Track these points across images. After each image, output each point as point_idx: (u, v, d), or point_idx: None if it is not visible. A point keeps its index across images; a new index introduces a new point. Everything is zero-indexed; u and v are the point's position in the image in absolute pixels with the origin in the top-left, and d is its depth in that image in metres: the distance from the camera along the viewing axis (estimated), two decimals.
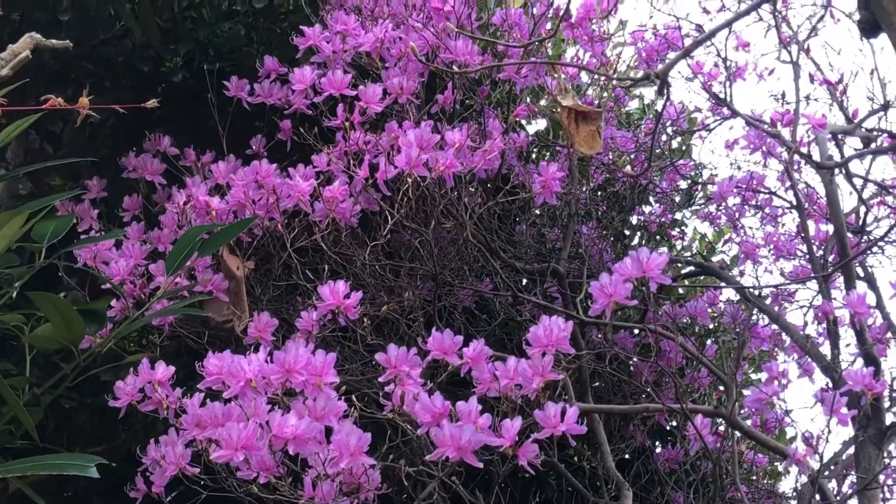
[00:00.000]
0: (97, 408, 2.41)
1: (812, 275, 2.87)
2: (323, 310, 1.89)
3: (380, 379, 1.69)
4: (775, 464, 3.43)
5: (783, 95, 3.01)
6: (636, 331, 2.94)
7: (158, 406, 1.69)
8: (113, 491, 2.34)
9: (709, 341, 3.23)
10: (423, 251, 2.28)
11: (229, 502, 1.73)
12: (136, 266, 2.09)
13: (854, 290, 2.43)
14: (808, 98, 2.97)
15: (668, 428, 3.13)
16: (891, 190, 2.88)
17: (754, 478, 3.18)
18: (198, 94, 2.39)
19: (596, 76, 2.90)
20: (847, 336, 2.73)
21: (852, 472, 2.58)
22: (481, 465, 1.51)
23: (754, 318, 2.96)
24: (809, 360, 2.68)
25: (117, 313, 2.04)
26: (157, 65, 2.38)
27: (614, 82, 2.86)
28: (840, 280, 2.77)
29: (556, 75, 2.41)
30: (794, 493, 2.98)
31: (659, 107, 2.96)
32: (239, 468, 1.50)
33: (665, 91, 2.42)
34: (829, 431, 2.12)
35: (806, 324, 2.85)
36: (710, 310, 3.08)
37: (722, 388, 2.94)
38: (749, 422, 2.87)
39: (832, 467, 2.72)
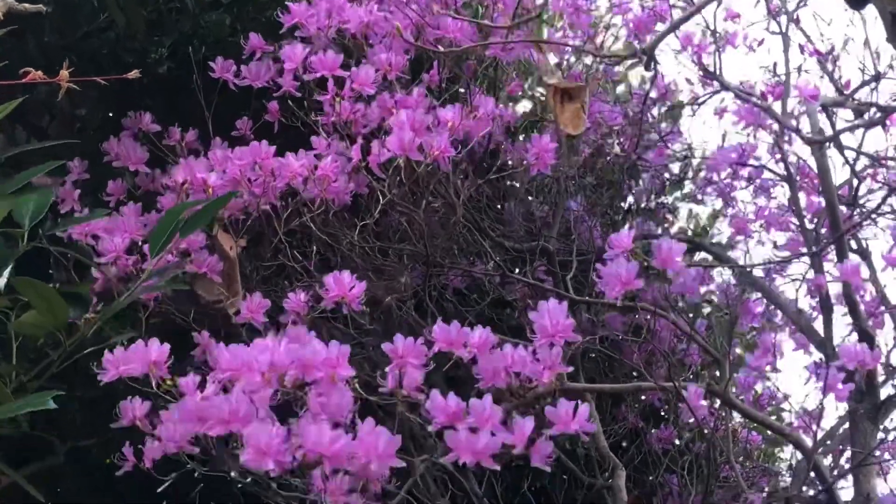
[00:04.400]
0: (87, 400, 2.38)
1: (803, 249, 2.86)
2: (329, 301, 1.87)
3: (387, 369, 1.64)
4: (768, 447, 3.42)
5: (774, 67, 2.98)
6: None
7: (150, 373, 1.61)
8: (106, 487, 2.32)
9: (699, 319, 3.22)
10: (412, 231, 2.25)
11: (220, 482, 1.68)
12: (133, 242, 2.04)
13: (847, 260, 2.42)
14: (798, 69, 2.95)
15: (662, 413, 3.11)
16: (883, 162, 2.86)
17: (743, 459, 3.17)
18: (184, 85, 2.36)
19: (583, 53, 2.87)
20: (841, 312, 2.72)
21: (848, 448, 2.58)
22: (498, 468, 1.43)
23: (746, 294, 2.95)
24: (803, 335, 2.67)
25: (101, 289, 2.00)
26: (142, 56, 2.35)
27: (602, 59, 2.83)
28: (833, 253, 2.75)
29: (542, 54, 2.39)
30: (790, 471, 2.99)
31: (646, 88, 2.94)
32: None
33: (652, 67, 2.41)
34: (823, 408, 2.12)
35: (797, 300, 2.84)
36: (702, 288, 3.07)
37: (715, 369, 2.93)
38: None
39: (827, 443, 2.72)
